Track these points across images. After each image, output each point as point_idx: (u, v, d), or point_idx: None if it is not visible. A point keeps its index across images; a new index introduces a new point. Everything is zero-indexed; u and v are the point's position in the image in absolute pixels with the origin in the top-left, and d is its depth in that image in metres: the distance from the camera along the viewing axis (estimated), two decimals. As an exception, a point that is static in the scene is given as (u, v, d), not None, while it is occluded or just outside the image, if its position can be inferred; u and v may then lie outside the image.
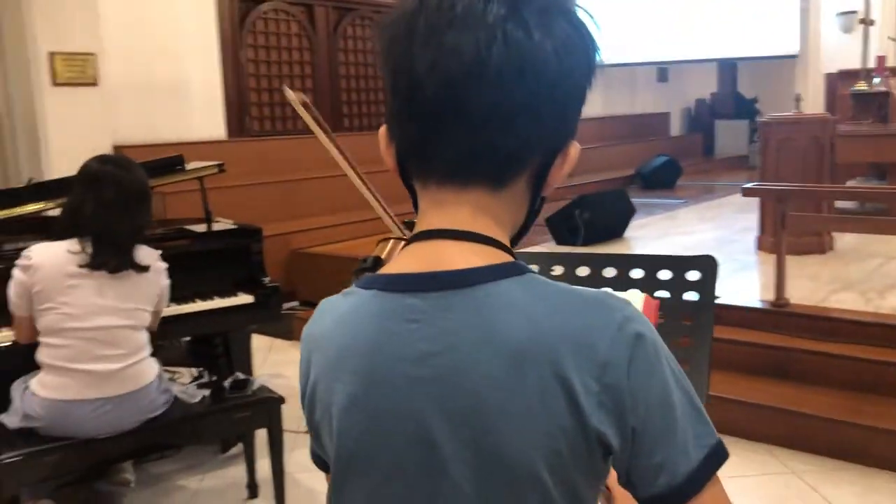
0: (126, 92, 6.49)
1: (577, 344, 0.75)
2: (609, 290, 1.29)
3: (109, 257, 2.47)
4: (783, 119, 5.18)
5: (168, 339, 3.57)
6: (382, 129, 0.85)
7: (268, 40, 7.99)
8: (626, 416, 0.75)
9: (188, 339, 3.91)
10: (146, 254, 2.61)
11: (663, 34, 10.78)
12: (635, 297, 1.35)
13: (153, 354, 2.69)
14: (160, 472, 3.33)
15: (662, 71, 12.60)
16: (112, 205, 2.49)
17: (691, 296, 1.38)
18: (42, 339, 2.49)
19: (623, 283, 1.42)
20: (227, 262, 3.39)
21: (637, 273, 1.42)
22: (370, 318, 0.81)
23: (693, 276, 1.39)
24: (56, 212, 3.00)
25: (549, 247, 5.75)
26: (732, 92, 13.48)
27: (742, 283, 4.55)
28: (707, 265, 1.38)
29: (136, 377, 2.55)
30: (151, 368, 2.63)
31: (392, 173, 0.86)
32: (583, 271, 1.45)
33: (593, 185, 8.23)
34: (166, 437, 2.77)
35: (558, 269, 1.46)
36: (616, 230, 6.14)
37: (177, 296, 3.23)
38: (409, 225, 1.22)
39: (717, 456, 0.79)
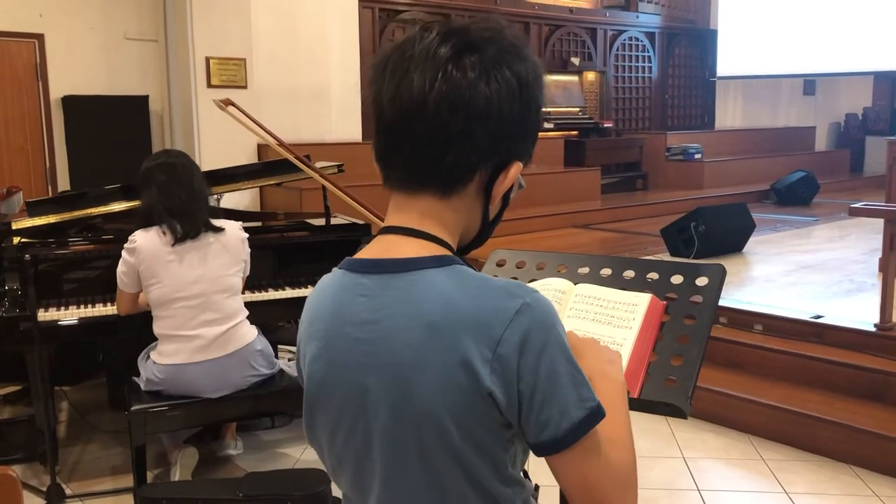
0: (272, 95, 7.03)
1: (480, 322, 0.94)
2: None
3: (187, 226, 2.88)
4: (912, 138, 4.97)
5: (283, 319, 3.97)
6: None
7: (405, 48, 8.37)
8: (514, 382, 0.95)
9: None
10: (224, 222, 3.01)
11: (811, 45, 10.37)
12: (643, 298, 1.51)
13: (267, 334, 3.08)
14: (269, 439, 3.71)
15: (809, 83, 12.11)
16: (167, 185, 2.92)
17: (697, 299, 1.51)
18: (154, 312, 2.93)
19: (640, 283, 1.57)
20: (338, 252, 3.70)
21: (653, 276, 1.57)
22: (334, 291, 1.05)
23: (702, 281, 1.52)
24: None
25: (662, 257, 5.77)
26: (889, 107, 12.73)
27: (854, 305, 4.44)
28: (715, 272, 1.51)
29: (237, 339, 2.95)
30: (251, 331, 3.02)
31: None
32: (606, 272, 1.62)
33: (721, 199, 8.10)
34: (271, 404, 3.12)
35: (584, 269, 1.63)
36: (734, 244, 6.06)
37: (292, 280, 3.61)
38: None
39: (595, 415, 0.98)
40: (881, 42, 9.90)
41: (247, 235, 3.07)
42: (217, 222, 2.99)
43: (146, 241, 2.89)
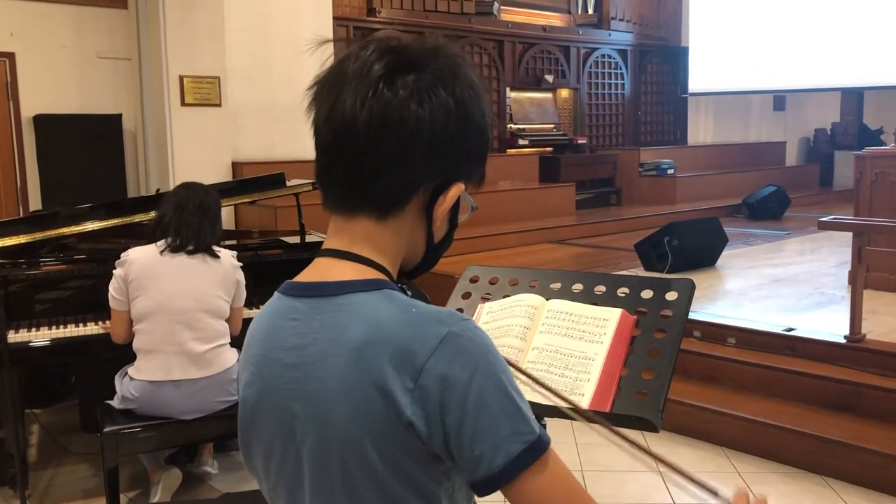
0: (247, 113, 7.03)
1: (403, 349, 0.90)
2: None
3: (188, 236, 2.92)
4: (878, 153, 5.09)
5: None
6: None
7: (380, 66, 8.42)
8: (439, 414, 0.89)
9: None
10: (220, 250, 3.04)
11: (781, 62, 10.55)
12: (614, 313, 1.53)
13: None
14: (245, 458, 3.67)
15: (779, 99, 12.31)
16: (183, 199, 3.01)
17: (667, 313, 1.53)
18: (136, 326, 2.92)
19: (611, 298, 1.59)
20: (314, 271, 3.71)
21: (623, 290, 1.59)
22: (269, 315, 1.03)
23: (671, 295, 1.54)
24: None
25: (637, 272, 5.81)
26: (857, 122, 12.97)
27: (825, 317, 4.50)
28: (684, 287, 1.53)
29: (217, 363, 2.94)
30: (231, 355, 3.01)
31: None
32: (577, 287, 1.63)
33: (694, 214, 8.19)
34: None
35: (556, 285, 1.65)
36: (707, 258, 6.13)
37: (266, 300, 3.59)
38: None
39: (533, 450, 0.91)
40: (848, 59, 10.10)
41: (240, 264, 3.09)
42: (214, 249, 3.02)
43: (140, 254, 2.91)
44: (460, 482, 0.98)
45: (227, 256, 3.05)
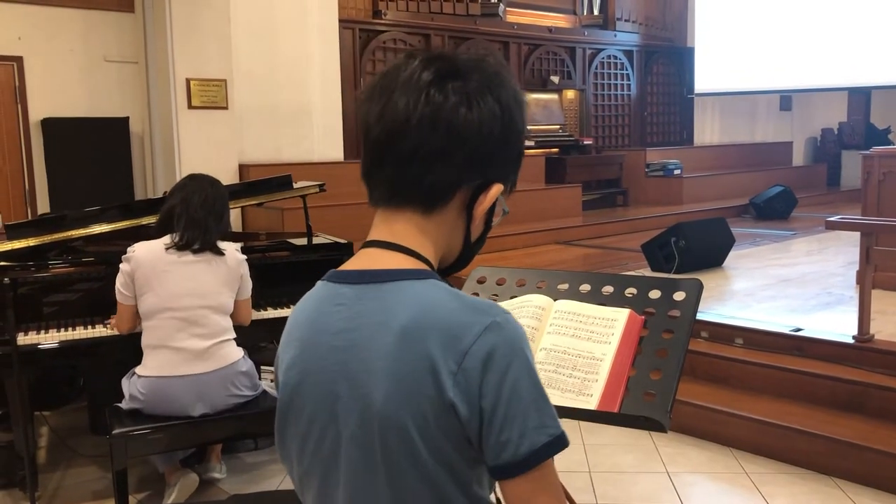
0: (253, 116, 7.05)
1: (450, 334, 0.96)
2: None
3: (195, 234, 2.93)
4: (885, 152, 5.07)
5: (266, 340, 3.96)
6: None
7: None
8: (477, 397, 0.95)
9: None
10: (226, 245, 3.05)
11: (787, 61, 10.52)
12: (622, 314, 1.53)
13: (250, 354, 3.08)
14: (252, 461, 3.68)
15: (786, 99, 12.27)
16: (190, 193, 3.01)
17: (675, 313, 1.53)
18: (143, 323, 2.94)
19: (619, 299, 1.59)
20: (321, 272, 3.71)
21: (631, 291, 1.59)
22: (314, 301, 1.09)
23: (679, 296, 1.54)
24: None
25: (644, 272, 5.81)
26: (864, 121, 12.93)
27: (833, 318, 4.49)
28: (692, 287, 1.53)
29: (221, 356, 2.95)
30: (236, 351, 3.02)
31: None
32: (585, 287, 1.63)
33: (701, 214, 8.17)
34: (254, 425, 3.10)
35: (563, 286, 1.65)
36: (714, 259, 6.12)
37: (274, 301, 3.60)
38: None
39: (555, 445, 0.97)
40: (855, 58, 10.06)
41: (244, 257, 3.11)
42: (221, 245, 3.03)
43: (145, 250, 2.93)
44: (483, 470, 1.02)
45: (232, 251, 3.06)
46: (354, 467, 1.01)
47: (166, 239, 2.96)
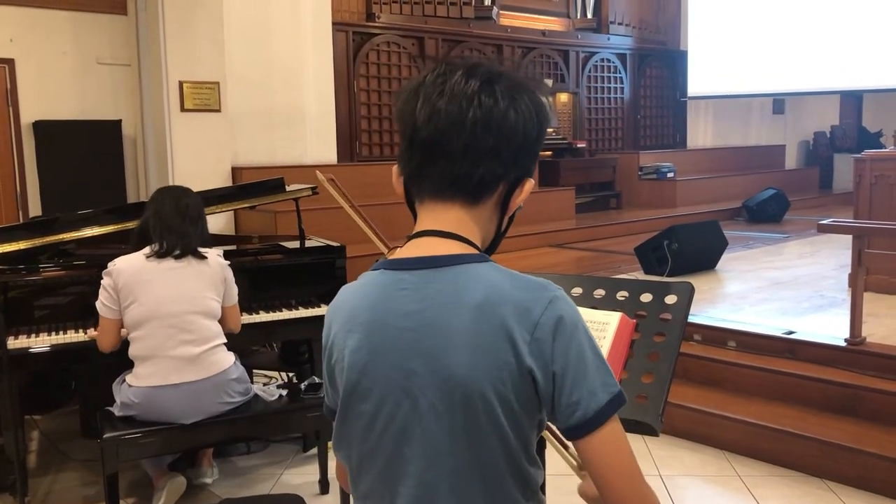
0: (246, 118, 7.03)
1: (520, 307, 1.07)
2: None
3: (173, 241, 2.93)
4: (877, 155, 5.08)
5: (259, 344, 3.95)
6: (395, 167, 1.19)
7: (379, 71, 8.44)
8: (549, 362, 1.06)
9: (280, 346, 4.27)
10: (206, 251, 3.05)
11: (780, 65, 10.56)
12: (613, 317, 1.53)
13: (242, 358, 3.07)
14: (245, 465, 3.67)
15: (778, 103, 12.31)
16: (162, 202, 3.04)
17: (667, 316, 1.53)
18: (131, 334, 2.91)
19: (610, 302, 1.59)
20: (314, 275, 3.72)
21: (623, 294, 1.59)
22: (375, 287, 1.15)
23: (671, 299, 1.54)
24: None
25: (637, 275, 5.81)
26: (856, 125, 12.98)
27: (826, 320, 4.50)
28: (683, 290, 1.53)
29: (213, 364, 2.93)
30: (227, 358, 3.01)
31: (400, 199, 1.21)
32: (577, 291, 1.63)
33: (694, 217, 8.18)
34: (246, 429, 3.10)
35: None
36: (707, 261, 6.13)
37: (267, 304, 3.59)
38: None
39: (618, 400, 1.09)
40: (847, 62, 10.11)
41: (227, 262, 3.09)
42: (201, 250, 3.02)
43: (125, 262, 2.92)
44: (536, 434, 1.13)
45: (214, 256, 3.05)
46: (433, 438, 1.08)
47: (146, 250, 2.96)
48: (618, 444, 1.09)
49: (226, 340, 3.03)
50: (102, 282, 2.91)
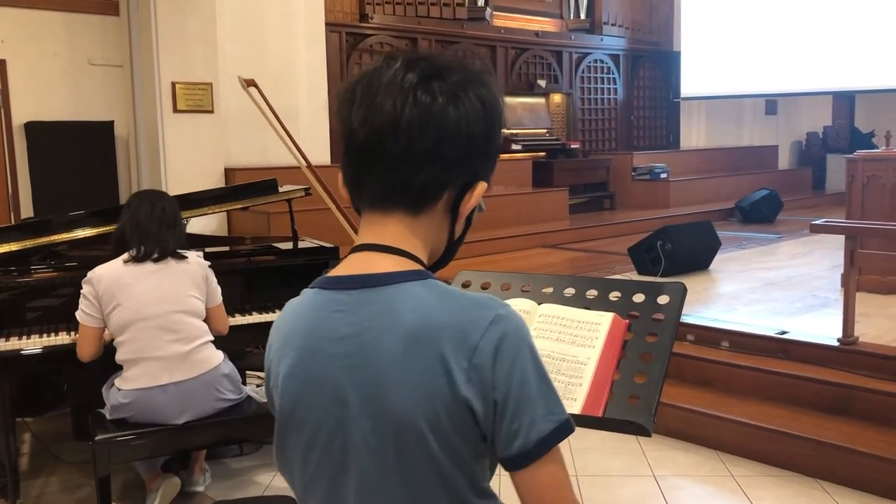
0: (239, 119, 7.01)
1: (456, 332, 0.97)
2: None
3: (151, 245, 2.93)
4: (869, 156, 5.10)
5: (251, 345, 3.94)
6: (340, 174, 1.09)
7: (373, 71, 8.42)
8: (489, 389, 0.97)
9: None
10: (186, 252, 3.04)
11: (772, 65, 10.59)
12: (606, 317, 1.52)
13: (235, 360, 3.06)
14: (238, 467, 3.66)
15: (771, 103, 12.35)
16: (137, 207, 3.03)
17: (660, 317, 1.52)
18: (117, 339, 2.90)
19: (603, 303, 1.59)
20: (307, 276, 3.70)
21: (615, 295, 1.59)
22: (309, 309, 1.07)
23: (663, 299, 1.54)
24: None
25: (630, 276, 5.81)
26: (848, 125, 13.03)
27: (818, 320, 4.51)
28: (676, 290, 1.53)
29: (202, 362, 2.93)
30: (216, 355, 3.00)
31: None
32: (569, 291, 1.63)
33: (687, 217, 8.20)
34: (239, 431, 3.09)
35: (548, 289, 1.65)
36: (700, 262, 6.14)
37: (260, 305, 3.59)
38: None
39: (564, 429, 1.00)
40: (839, 62, 10.14)
41: (208, 263, 3.08)
42: (180, 251, 3.01)
43: (104, 269, 2.90)
44: (488, 462, 1.05)
45: (194, 256, 3.05)
46: (366, 472, 1.01)
47: (124, 255, 2.94)
48: (558, 478, 1.00)
49: (213, 338, 3.02)
50: (82, 290, 2.89)
